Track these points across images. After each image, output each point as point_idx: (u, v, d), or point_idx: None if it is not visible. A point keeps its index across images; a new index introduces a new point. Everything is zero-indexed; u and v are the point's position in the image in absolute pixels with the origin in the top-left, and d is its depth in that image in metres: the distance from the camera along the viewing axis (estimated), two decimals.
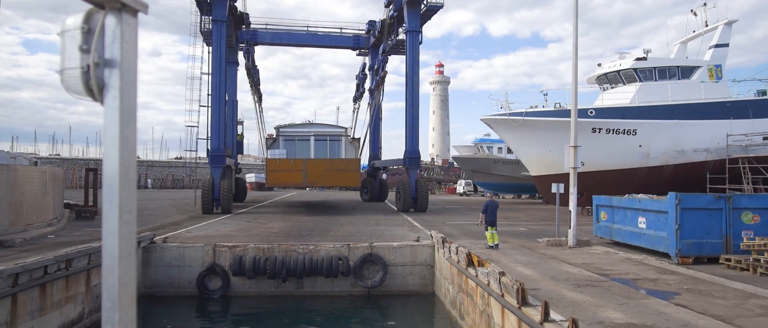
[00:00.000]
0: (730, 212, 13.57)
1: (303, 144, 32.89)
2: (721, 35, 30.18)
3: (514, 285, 9.00)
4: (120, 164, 2.05)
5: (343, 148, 32.98)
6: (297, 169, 29.52)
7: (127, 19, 2.04)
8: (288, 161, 30.03)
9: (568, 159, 17.20)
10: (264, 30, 40.37)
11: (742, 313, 8.54)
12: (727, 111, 28.60)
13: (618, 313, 8.53)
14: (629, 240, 15.99)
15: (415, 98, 31.64)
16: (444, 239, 15.80)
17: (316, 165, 30.50)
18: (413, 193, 30.32)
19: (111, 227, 2.05)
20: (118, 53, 2.03)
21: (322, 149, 32.79)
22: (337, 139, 33.46)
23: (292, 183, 31.56)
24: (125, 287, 2.07)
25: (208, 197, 28.54)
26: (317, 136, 32.94)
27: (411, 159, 31.29)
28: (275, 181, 30.43)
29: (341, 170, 30.38)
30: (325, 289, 16.70)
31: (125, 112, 2.07)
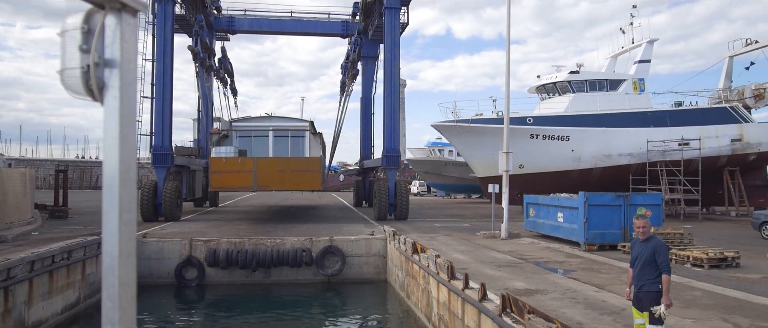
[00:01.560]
0: (628, 207, 16.56)
1: (260, 141, 28.86)
2: (644, 52, 33.82)
3: (446, 264, 11.57)
4: (120, 163, 2.07)
5: (306, 145, 28.72)
6: (246, 169, 25.26)
7: (127, 19, 2.06)
8: (235, 161, 25.58)
9: (501, 163, 19.90)
10: (242, 17, 36.42)
11: (614, 282, 11.33)
12: (648, 120, 32.15)
13: (522, 283, 11.21)
14: (551, 232, 18.87)
15: (394, 88, 28.00)
16: (394, 232, 18.30)
17: (269, 165, 25.92)
18: (392, 198, 26.77)
19: (111, 227, 2.07)
20: (118, 53, 2.05)
21: (283, 147, 28.65)
22: (300, 135, 28.92)
23: (240, 186, 26.76)
24: (125, 287, 2.08)
25: (148, 202, 25.24)
26: (277, 132, 28.78)
27: (389, 158, 27.66)
28: (220, 183, 25.88)
29: (299, 171, 25.60)
30: (290, 277, 18.94)
31: (125, 112, 2.08)
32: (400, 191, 27.09)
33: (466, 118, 32.89)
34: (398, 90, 28.62)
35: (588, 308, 8.99)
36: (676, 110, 33.42)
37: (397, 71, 28.05)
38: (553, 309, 8.77)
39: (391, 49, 27.79)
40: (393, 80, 27.88)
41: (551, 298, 9.80)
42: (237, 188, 28.11)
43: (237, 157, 26.18)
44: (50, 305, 13.27)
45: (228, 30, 36.97)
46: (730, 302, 9.61)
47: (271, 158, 27.46)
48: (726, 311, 8.87)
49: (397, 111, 28.27)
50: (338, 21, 37.22)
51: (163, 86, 26.49)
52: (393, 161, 27.74)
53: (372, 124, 39.07)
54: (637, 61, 34.01)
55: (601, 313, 8.67)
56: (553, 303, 9.33)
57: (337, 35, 37.80)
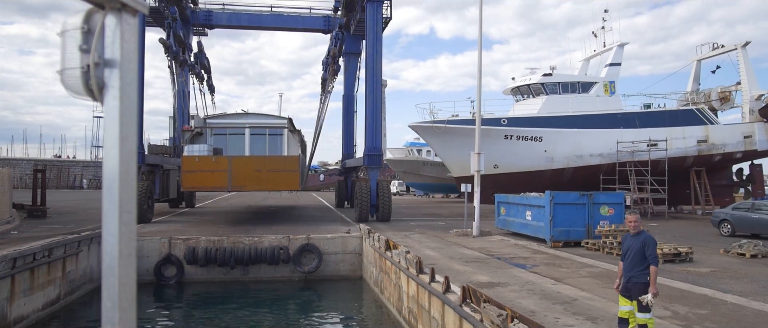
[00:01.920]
0: (591, 206, 17.36)
1: (236, 139, 27.54)
2: (615, 56, 34.88)
3: (414, 259, 12.20)
4: (120, 163, 2.06)
5: (284, 143, 27.51)
6: (220, 169, 24.07)
7: (127, 19, 2.06)
8: (209, 160, 24.36)
9: (473, 163, 20.60)
10: (220, 10, 35.42)
11: (572, 275, 12.06)
12: (618, 121, 33.20)
13: (485, 277, 11.88)
14: (520, 230, 19.62)
15: (377, 84, 27.33)
16: (369, 230, 18.89)
17: (244, 164, 24.78)
18: (374, 199, 26.33)
19: (111, 227, 2.05)
20: (118, 53, 2.05)
21: (260, 145, 27.48)
22: (278, 132, 27.75)
23: (214, 186, 25.38)
24: (125, 287, 2.08)
25: None
26: (254, 129, 27.55)
27: (371, 157, 27.20)
28: (193, 183, 24.73)
29: (276, 171, 24.58)
30: (268, 275, 19.42)
31: (125, 112, 2.07)
32: (382, 192, 26.48)
33: (443, 119, 33.61)
34: (381, 87, 27.52)
35: (543, 299, 9.66)
36: (645, 112, 34.55)
37: (380, 67, 27.31)
38: (510, 299, 9.44)
39: (374, 44, 27.17)
40: (375, 76, 27.24)
41: (510, 290, 10.47)
42: (211, 188, 26.64)
43: (211, 155, 24.96)
44: (31, 302, 13.62)
45: (205, 24, 35.81)
46: (675, 292, 10.37)
47: (247, 157, 26.17)
48: (669, 301, 9.61)
49: (380, 109, 27.40)
50: (320, 16, 36.37)
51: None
52: (375, 161, 27.15)
53: (354, 123, 38.30)
54: (608, 64, 35.06)
55: (554, 302, 9.35)
56: (511, 294, 10.00)
57: (319, 31, 36.88)
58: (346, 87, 38.36)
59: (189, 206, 35.77)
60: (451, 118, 33.65)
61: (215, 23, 35.65)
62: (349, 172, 37.07)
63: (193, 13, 34.19)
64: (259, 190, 29.21)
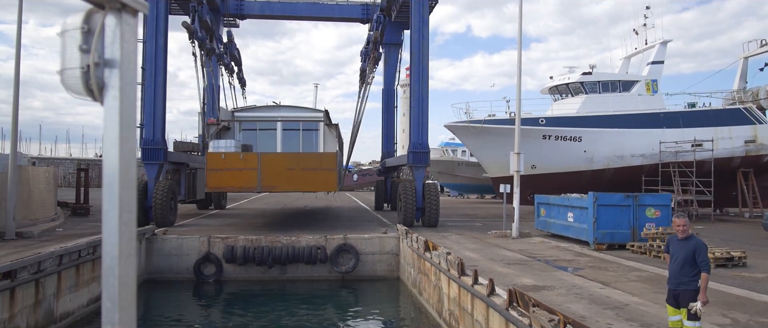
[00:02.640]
0: (637, 207, 16.83)
1: (267, 134, 25.29)
2: (658, 53, 33.90)
3: (456, 261, 11.97)
4: (120, 163, 2.06)
5: (320, 139, 25.06)
6: (249, 167, 21.76)
7: (127, 19, 2.06)
8: (236, 157, 22.02)
9: (512, 163, 20.23)
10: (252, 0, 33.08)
11: (620, 279, 11.66)
12: (661, 121, 32.24)
13: (530, 280, 11.58)
14: (561, 232, 19.18)
15: (423, 72, 24.24)
16: (407, 230, 18.72)
17: (276, 162, 22.31)
18: (419, 201, 23.34)
19: (111, 226, 2.06)
20: (118, 53, 2.04)
21: (293, 141, 25.05)
22: (313, 126, 25.23)
23: (242, 186, 22.95)
24: (125, 287, 2.07)
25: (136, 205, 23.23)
26: (287, 123, 25.09)
27: (417, 155, 24.14)
28: (218, 183, 22.19)
29: (311, 169, 22.00)
30: (305, 274, 19.42)
31: (125, 112, 2.08)
32: (429, 194, 23.56)
33: (479, 118, 33.21)
34: (427, 76, 24.38)
35: (592, 303, 9.34)
36: (689, 111, 33.47)
37: (426, 53, 24.37)
38: (558, 304, 9.14)
39: (420, 28, 24.39)
40: (422, 64, 24.16)
41: (557, 293, 10.17)
42: (239, 188, 23.95)
43: (238, 152, 22.64)
44: (77, 298, 13.87)
45: (236, 14, 33.34)
46: (731, 298, 9.91)
47: (278, 154, 23.71)
48: (726, 308, 9.18)
49: (427, 101, 24.42)
50: (358, 3, 33.60)
51: (155, 70, 23.26)
52: (421, 159, 24.20)
53: (395, 119, 35.41)
54: (650, 62, 34.10)
55: (604, 307, 9.02)
56: (558, 298, 9.69)
57: (357, 20, 34.04)
58: (385, 81, 35.42)
59: (218, 207, 33.80)
60: (488, 117, 33.22)
61: (247, 13, 33.10)
62: (388, 172, 34.66)
63: (223, 2, 31.80)
64: (292, 191, 27.08)
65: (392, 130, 35.33)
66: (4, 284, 10.68)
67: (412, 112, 24.54)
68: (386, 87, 35.32)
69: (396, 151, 35.45)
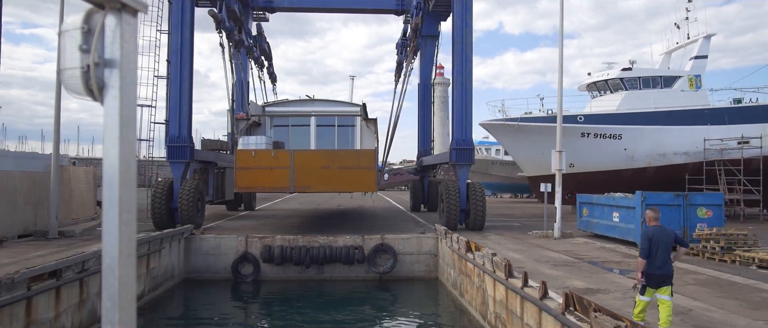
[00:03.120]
0: (687, 207, 16.16)
1: (300, 130, 23.78)
2: (701, 48, 32.77)
3: (503, 262, 11.58)
4: (120, 163, 2.07)
5: (357, 135, 23.43)
6: (281, 165, 20.52)
7: (127, 19, 2.06)
8: (267, 154, 20.74)
9: (554, 162, 19.70)
10: None
11: (677, 282, 11.04)
12: (705, 118, 31.15)
13: (581, 282, 11.12)
14: (606, 232, 18.57)
15: (466, 66, 22.18)
16: (446, 231, 18.35)
17: (310, 160, 21.00)
18: (463, 202, 21.56)
19: (111, 226, 2.06)
20: (118, 53, 2.05)
21: (328, 137, 23.48)
22: (350, 121, 23.65)
23: (273, 186, 21.60)
24: (125, 287, 2.06)
25: (161, 205, 21.18)
26: (321, 118, 23.61)
27: (461, 152, 22.17)
28: (248, 183, 20.95)
29: (347, 168, 20.70)
30: (342, 274, 19.21)
31: (125, 112, 2.08)
32: (474, 195, 21.66)
33: (515, 116, 32.59)
34: (471, 66, 22.23)
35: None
36: (736, 107, 32.26)
37: (470, 41, 22.29)
38: (616, 308, 8.68)
39: (462, 15, 22.26)
40: (465, 53, 22.10)
41: (613, 297, 9.71)
42: (270, 188, 22.47)
43: (270, 149, 21.29)
44: None
45: (265, 7, 31.68)
46: None
47: (312, 152, 22.30)
48: None
49: (471, 94, 22.24)
50: None
51: (181, 63, 21.99)
52: (465, 156, 22.23)
53: (431, 115, 33.62)
54: (693, 57, 32.99)
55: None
56: (616, 302, 9.25)
57: (391, 11, 31.95)
58: (421, 75, 33.64)
59: (248, 208, 32.19)
60: (524, 115, 32.58)
61: (276, 5, 31.34)
62: (425, 171, 32.86)
63: None
64: (327, 191, 25.62)
65: (429, 127, 33.61)
66: (50, 283, 10.69)
67: (455, 106, 22.47)
68: (422, 81, 33.65)
69: (433, 149, 33.91)
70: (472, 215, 21.65)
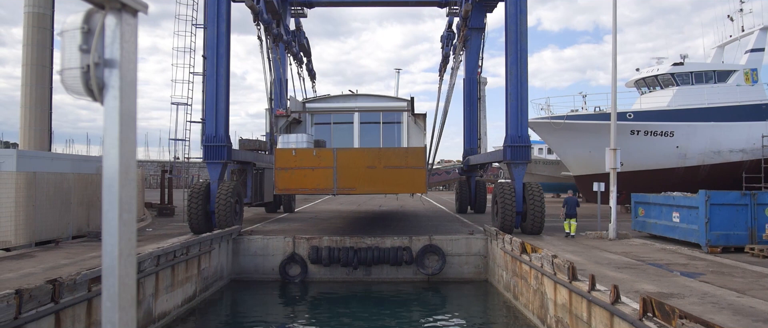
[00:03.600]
0: (755, 207, 15.33)
1: (343, 128, 22.45)
2: (757, 40, 31.40)
3: (566, 265, 11.12)
4: (120, 163, 2.06)
5: (404, 132, 21.94)
6: (323, 165, 19.34)
7: (127, 19, 2.06)
8: (309, 153, 19.54)
9: (608, 160, 19.04)
10: None
11: (754, 287, 10.46)
12: (763, 113, 29.85)
13: (651, 286, 10.57)
14: (664, 233, 17.82)
15: (521, 56, 20.41)
16: (497, 231, 17.90)
17: (354, 159, 19.72)
18: (519, 205, 20.04)
19: (111, 227, 2.06)
20: (118, 53, 2.04)
21: (373, 134, 22.04)
22: (397, 118, 22.15)
23: (315, 188, 20.11)
24: (125, 287, 2.05)
25: (198, 207, 19.82)
26: (365, 115, 22.17)
27: (516, 149, 20.54)
28: (288, 184, 19.69)
29: (395, 167, 19.29)
30: (390, 276, 18.97)
31: (125, 112, 2.07)
32: (532, 197, 19.95)
33: (560, 114, 31.81)
34: (526, 57, 20.54)
35: (737, 315, 8.31)
36: None
37: (525, 31, 20.61)
38: (697, 315, 8.17)
39: (516, 1, 20.66)
40: (520, 42, 20.34)
41: (690, 302, 9.16)
42: (312, 189, 20.72)
43: (311, 148, 20.07)
44: (172, 298, 13.94)
45: (304, 2, 30.59)
46: None
47: (357, 150, 21.03)
48: None
49: (526, 86, 20.50)
50: None
51: (217, 59, 20.62)
52: (521, 154, 20.56)
53: (478, 111, 31.75)
54: (748, 50, 31.65)
55: (756, 320, 7.98)
56: (695, 308, 8.70)
57: (433, 4, 30.68)
58: (467, 69, 31.77)
59: (288, 210, 30.79)
60: (570, 113, 31.77)
61: (315, 1, 30.50)
62: (472, 170, 30.83)
63: None
64: (374, 192, 23.63)
65: (475, 124, 31.66)
66: None
67: (510, 100, 20.62)
68: (468, 76, 31.84)
69: (480, 147, 32.47)
70: (529, 218, 19.94)
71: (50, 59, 23.57)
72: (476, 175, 31.33)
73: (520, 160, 20.57)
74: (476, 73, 31.40)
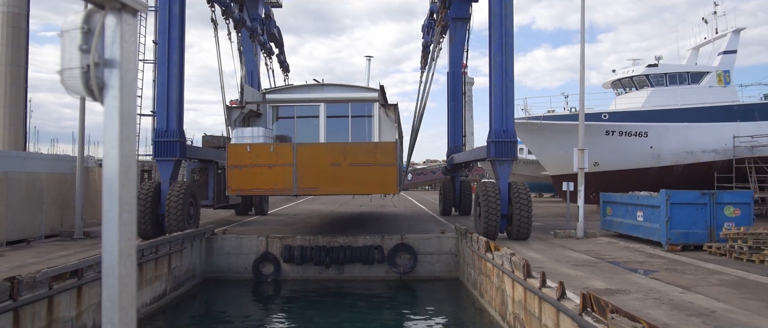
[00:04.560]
0: (714, 206, 15.74)
1: (307, 122, 20.84)
2: (730, 42, 31.95)
3: (521, 262, 11.42)
4: (120, 163, 2.06)
5: (375, 125, 20.35)
6: (282, 162, 17.68)
7: (127, 19, 2.04)
8: (265, 149, 17.95)
9: (576, 160, 19.40)
10: None
11: (701, 283, 10.82)
12: (734, 114, 30.37)
13: (601, 283, 10.91)
14: (629, 232, 18.21)
15: (506, 43, 18.47)
16: (466, 230, 18.20)
17: (316, 155, 18.02)
18: (505, 207, 18.20)
19: (111, 226, 2.06)
20: (118, 53, 2.03)
21: (341, 129, 20.49)
22: (366, 110, 20.61)
23: (272, 188, 18.45)
24: (125, 287, 2.05)
25: (145, 212, 18.08)
26: (332, 106, 20.56)
27: (501, 145, 18.57)
28: (242, 184, 18.04)
29: (363, 165, 17.67)
30: (362, 274, 19.20)
31: (125, 112, 2.07)
32: (517, 198, 18.05)
33: (538, 115, 32.18)
34: (512, 44, 18.66)
35: (673, 309, 8.64)
36: (767, 103, 31.41)
37: (511, 15, 18.68)
38: (635, 309, 8.48)
39: None
40: (505, 28, 18.47)
41: (633, 298, 9.49)
42: (269, 190, 19.16)
43: (268, 143, 18.45)
44: (140, 296, 14.08)
45: None
46: None
47: (319, 145, 19.27)
48: None
49: (512, 75, 18.65)
50: None
51: (169, 44, 18.75)
52: (506, 150, 18.58)
53: (463, 107, 30.06)
54: (721, 52, 32.18)
55: (689, 314, 8.31)
56: (635, 303, 9.03)
57: None
58: (451, 62, 29.95)
59: (260, 213, 28.63)
60: (547, 113, 32.16)
61: None
62: (456, 170, 29.24)
63: None
64: (338, 193, 21.71)
65: (460, 121, 29.89)
66: (72, 282, 10.87)
67: (494, 89, 18.65)
68: (452, 69, 30.23)
69: (465, 145, 30.74)
70: (515, 222, 18.18)
71: (25, 59, 23.58)
72: (461, 174, 30.08)
73: (505, 158, 18.70)
74: (461, 67, 30.00)
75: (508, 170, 18.85)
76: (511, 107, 18.78)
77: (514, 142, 18.77)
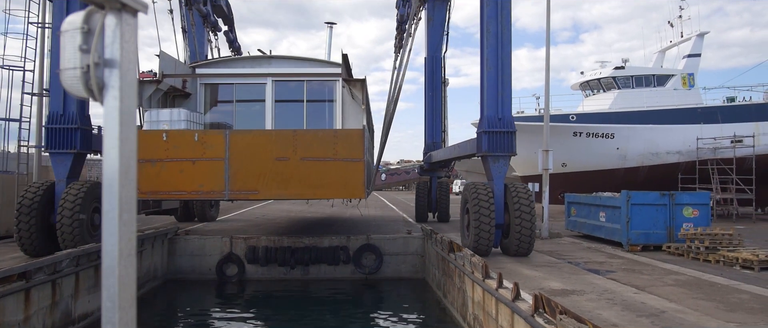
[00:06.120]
0: (673, 207, 15.99)
1: (250, 104, 17.28)
2: (694, 46, 32.64)
3: (480, 262, 11.42)
4: (120, 163, 2.05)
5: (337, 109, 16.68)
6: (209, 156, 14.09)
7: (127, 19, 2.05)
8: (188, 138, 14.21)
9: (541, 161, 19.54)
10: None
11: (656, 283, 10.95)
12: (698, 116, 31.02)
13: (558, 283, 10.96)
14: (593, 232, 18.41)
15: (502, 13, 14.71)
16: (432, 230, 18.19)
17: (256, 147, 14.35)
18: (500, 216, 14.56)
19: (111, 227, 2.04)
20: (118, 53, 2.03)
21: (295, 114, 16.78)
22: (327, 91, 17.02)
23: (197, 190, 14.58)
24: (125, 287, 2.04)
25: (31, 221, 13.68)
26: (282, 84, 16.72)
27: (495, 136, 14.70)
28: (156, 186, 14.20)
29: (319, 160, 14.21)
30: (328, 275, 19.05)
31: (125, 112, 2.07)
32: (516, 202, 14.31)
33: None
34: (510, 14, 14.93)
35: (625, 310, 8.70)
36: (728, 106, 32.16)
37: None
38: (588, 310, 8.54)
39: None
40: (500, 12, 14.69)
41: (587, 299, 9.55)
42: (191, 193, 14.76)
43: (192, 130, 14.75)
44: (96, 298, 13.73)
45: None
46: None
47: (260, 133, 15.18)
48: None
49: (509, 55, 14.97)
50: None
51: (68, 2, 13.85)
52: (503, 143, 14.76)
53: (443, 99, 26.13)
54: (686, 55, 32.90)
55: (639, 315, 8.38)
56: (588, 304, 9.08)
57: None
58: (429, 47, 25.97)
59: (204, 219, 24.37)
60: (517, 115, 32.41)
61: None
62: (434, 169, 25.18)
63: None
64: (286, 197, 17.48)
65: (439, 113, 26.03)
66: (19, 285, 10.53)
67: (487, 67, 14.79)
68: (430, 54, 25.99)
69: (445, 141, 26.83)
70: (514, 234, 14.33)
71: None
72: (438, 175, 25.97)
73: (501, 153, 14.87)
74: (440, 52, 26.06)
75: (505, 168, 15.17)
76: (509, 90, 14.94)
77: (512, 132, 14.88)
